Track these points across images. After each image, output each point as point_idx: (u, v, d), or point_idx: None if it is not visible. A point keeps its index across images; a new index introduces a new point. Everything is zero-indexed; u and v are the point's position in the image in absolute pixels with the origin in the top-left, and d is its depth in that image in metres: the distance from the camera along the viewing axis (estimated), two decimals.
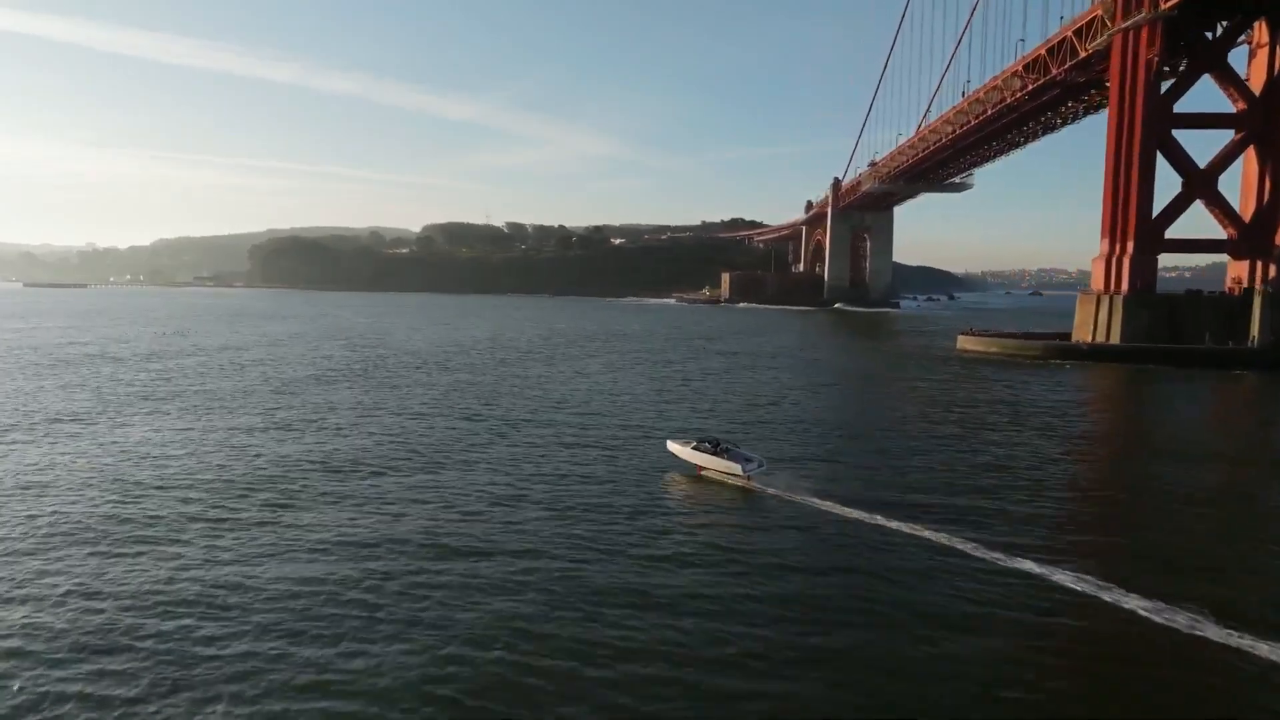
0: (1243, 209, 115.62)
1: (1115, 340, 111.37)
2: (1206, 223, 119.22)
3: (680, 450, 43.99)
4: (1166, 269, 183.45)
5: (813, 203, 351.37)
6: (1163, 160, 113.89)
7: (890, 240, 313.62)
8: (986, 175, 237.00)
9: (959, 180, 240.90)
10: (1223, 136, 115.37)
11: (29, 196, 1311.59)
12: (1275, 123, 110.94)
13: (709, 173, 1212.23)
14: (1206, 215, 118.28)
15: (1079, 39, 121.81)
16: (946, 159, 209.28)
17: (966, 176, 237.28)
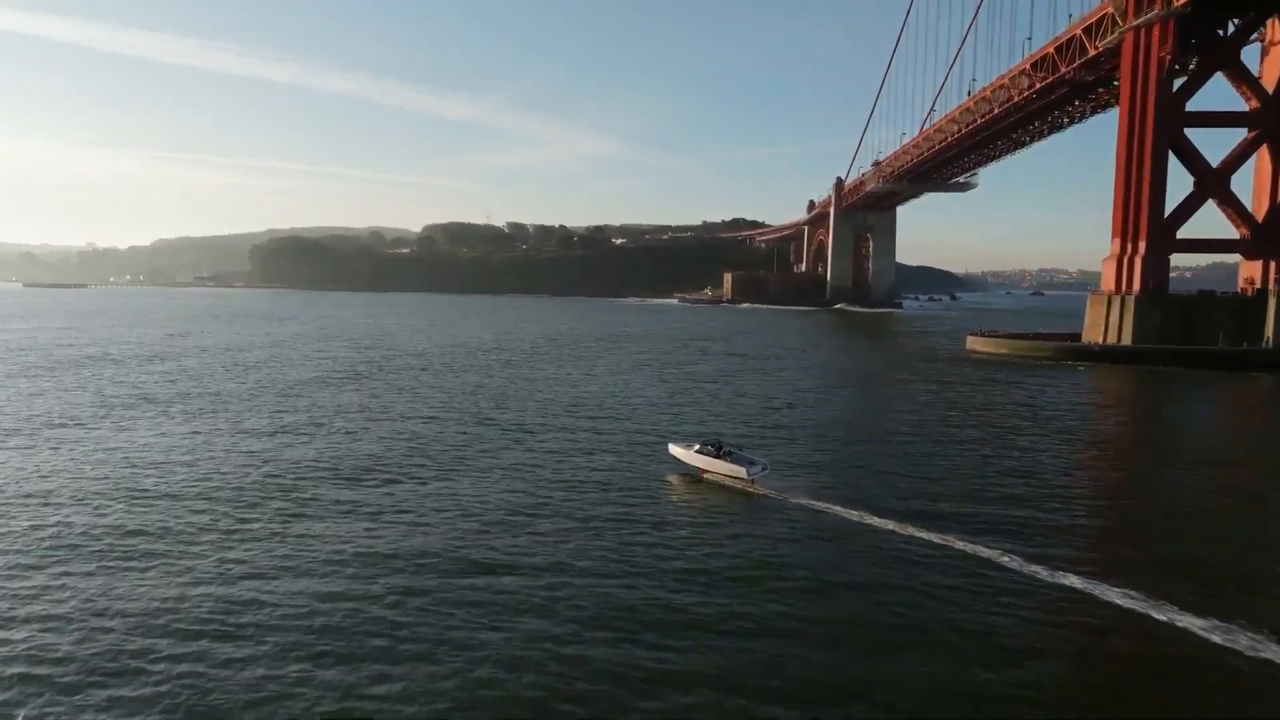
0: (1255, 208, 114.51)
1: (1127, 341, 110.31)
2: (1213, 222, 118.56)
3: (682, 453, 43.09)
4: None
5: (815, 202, 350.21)
6: (1173, 159, 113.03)
7: (893, 240, 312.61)
8: (986, 174, 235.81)
9: (963, 180, 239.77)
10: (1235, 135, 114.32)
11: (29, 196, 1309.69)
12: None
13: (709, 173, 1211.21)
14: (1212, 215, 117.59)
15: (1088, 37, 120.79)
16: (951, 158, 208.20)
17: (971, 176, 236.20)
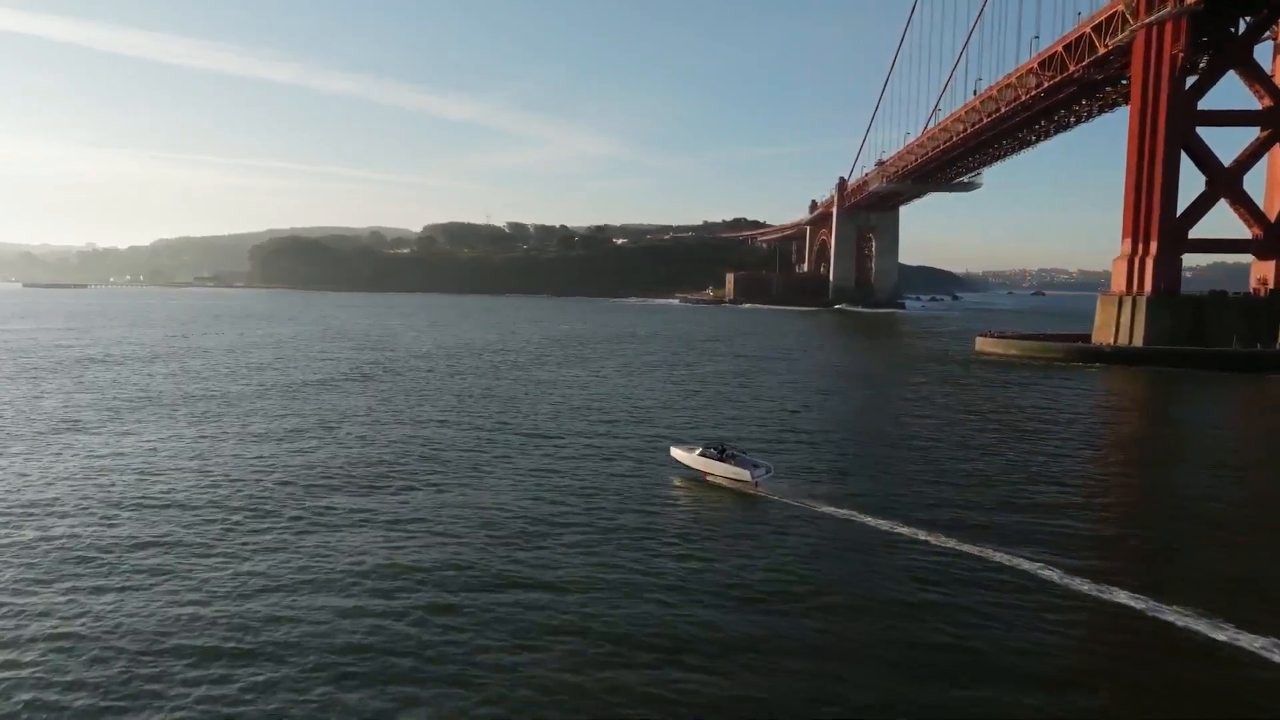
0: (1268, 208, 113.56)
1: (1138, 343, 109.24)
2: (1223, 222, 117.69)
3: (685, 456, 42.58)
4: None
5: (817, 202, 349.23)
6: (1184, 159, 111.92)
7: (896, 240, 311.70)
8: (987, 174, 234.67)
9: (967, 180, 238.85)
10: (1247, 134, 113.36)
11: (29, 196, 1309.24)
12: None
13: (709, 173, 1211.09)
14: (1222, 215, 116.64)
15: (1098, 35, 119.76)
16: (956, 158, 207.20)
17: (975, 176, 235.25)
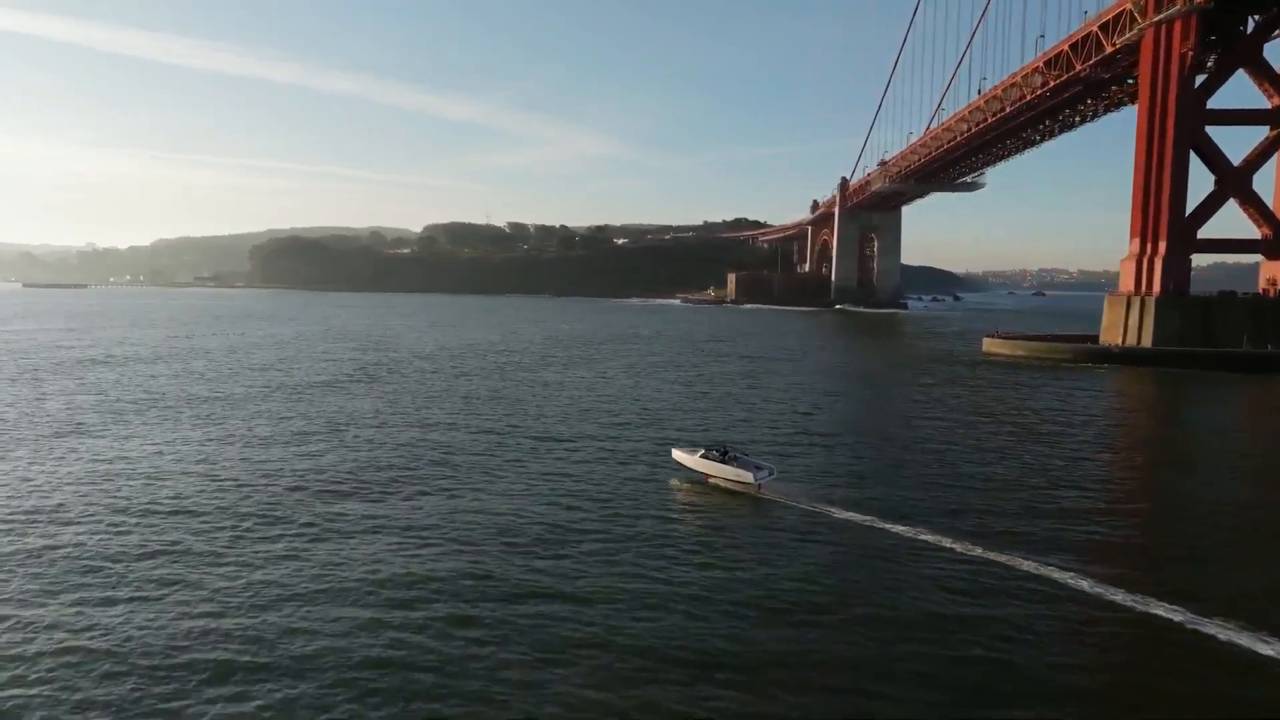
0: (1277, 207, 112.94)
1: (1146, 343, 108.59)
2: (1231, 222, 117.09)
3: (687, 459, 42.21)
4: None
5: (819, 202, 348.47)
6: (1192, 158, 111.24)
7: (898, 240, 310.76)
8: (988, 174, 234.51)
9: (970, 179, 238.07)
10: (1256, 133, 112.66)
11: (29, 196, 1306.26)
12: None
13: (709, 173, 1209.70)
14: (1230, 215, 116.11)
15: (1105, 34, 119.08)
16: (959, 158, 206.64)
17: (978, 176, 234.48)
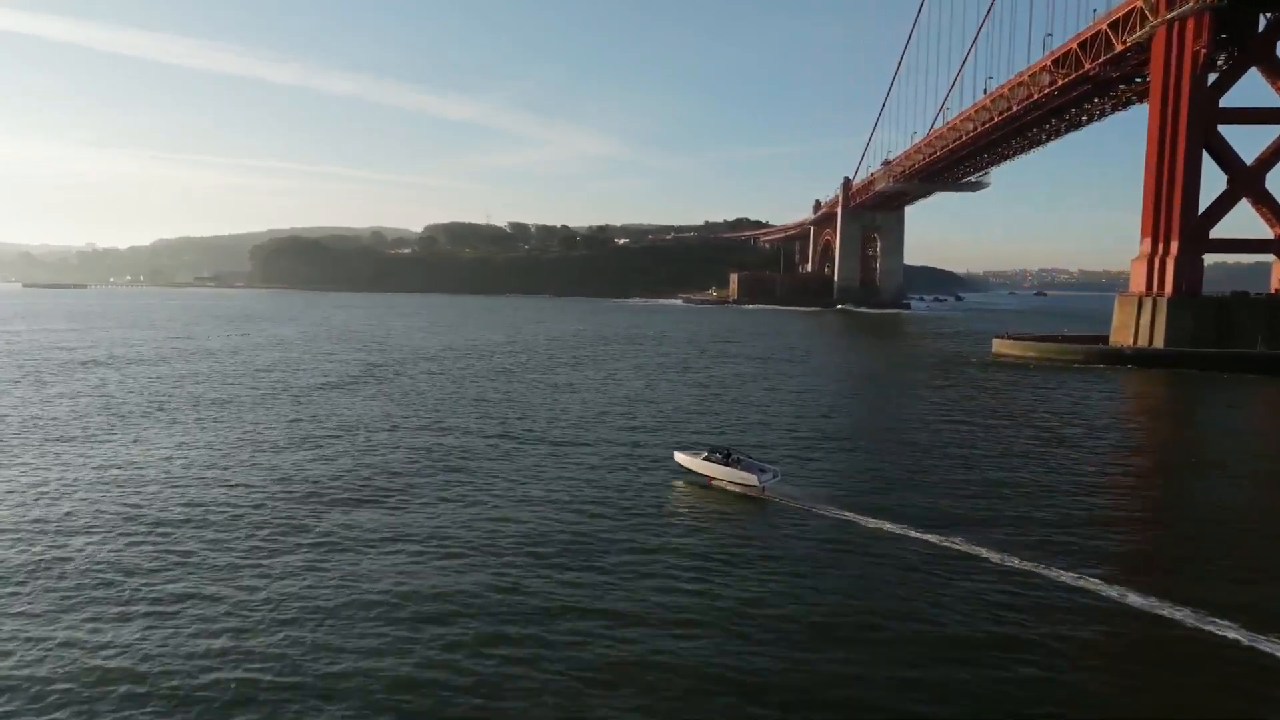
0: None
1: (1158, 344, 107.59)
2: (1241, 222, 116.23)
3: (690, 461, 41.78)
4: None
5: (821, 202, 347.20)
6: (1205, 158, 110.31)
7: (901, 240, 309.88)
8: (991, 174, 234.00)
9: (975, 179, 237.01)
10: (1269, 131, 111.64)
11: (29, 196, 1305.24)
12: None
13: (710, 173, 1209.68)
14: (1241, 214, 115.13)
15: (1115, 32, 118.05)
16: (964, 157, 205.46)
17: (983, 175, 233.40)
